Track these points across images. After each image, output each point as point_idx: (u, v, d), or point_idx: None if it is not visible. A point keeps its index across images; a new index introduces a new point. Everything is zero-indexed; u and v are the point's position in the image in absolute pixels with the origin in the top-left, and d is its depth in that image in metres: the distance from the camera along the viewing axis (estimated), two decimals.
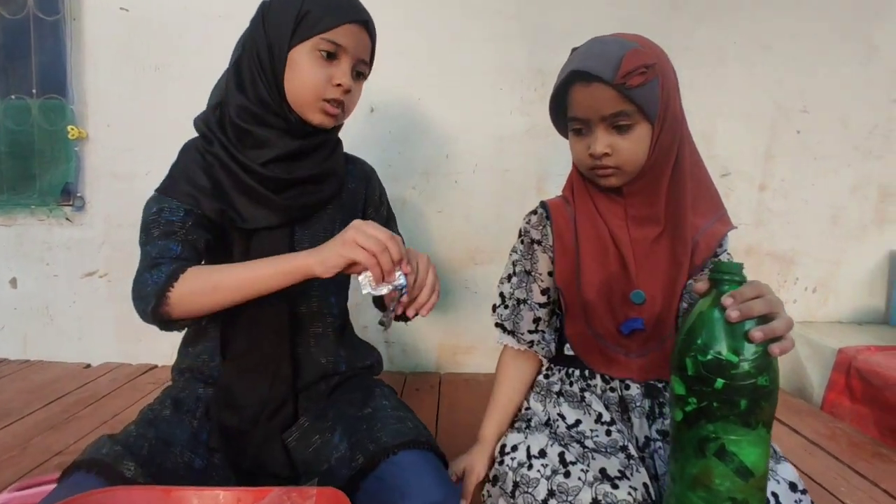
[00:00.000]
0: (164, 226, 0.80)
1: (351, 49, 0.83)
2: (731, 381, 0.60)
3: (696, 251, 0.93)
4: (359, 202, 0.99)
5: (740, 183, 1.58)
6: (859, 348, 1.33)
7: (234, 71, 0.85)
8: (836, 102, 1.56)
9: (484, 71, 1.52)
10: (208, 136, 0.84)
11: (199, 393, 0.85)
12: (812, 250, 1.61)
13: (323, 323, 0.92)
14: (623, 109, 0.79)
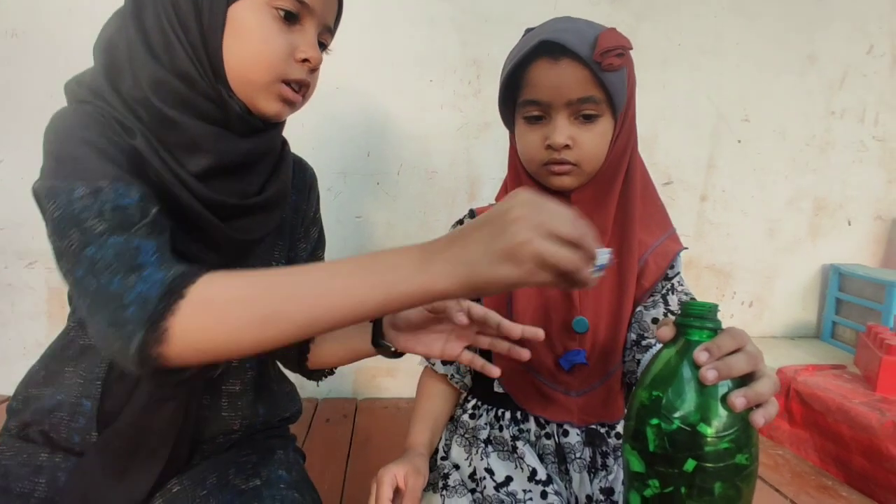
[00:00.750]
0: (112, 214, 0.49)
1: (318, 10, 0.59)
2: (705, 462, 0.46)
3: (645, 272, 0.81)
4: (298, 220, 0.76)
5: (682, 192, 1.50)
6: (798, 369, 1.28)
7: (134, 20, 0.56)
8: (775, 113, 1.51)
9: (411, 59, 1.35)
10: (99, 119, 0.54)
11: (40, 461, 0.61)
12: (749, 264, 1.56)
13: (241, 379, 0.70)
14: (593, 95, 0.68)
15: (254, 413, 0.72)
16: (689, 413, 0.47)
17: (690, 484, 0.47)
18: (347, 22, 1.26)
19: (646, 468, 0.50)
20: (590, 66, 0.67)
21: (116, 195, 0.50)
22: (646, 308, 0.82)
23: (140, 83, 0.55)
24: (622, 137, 0.76)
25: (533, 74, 0.70)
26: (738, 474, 0.47)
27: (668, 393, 0.49)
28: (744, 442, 0.47)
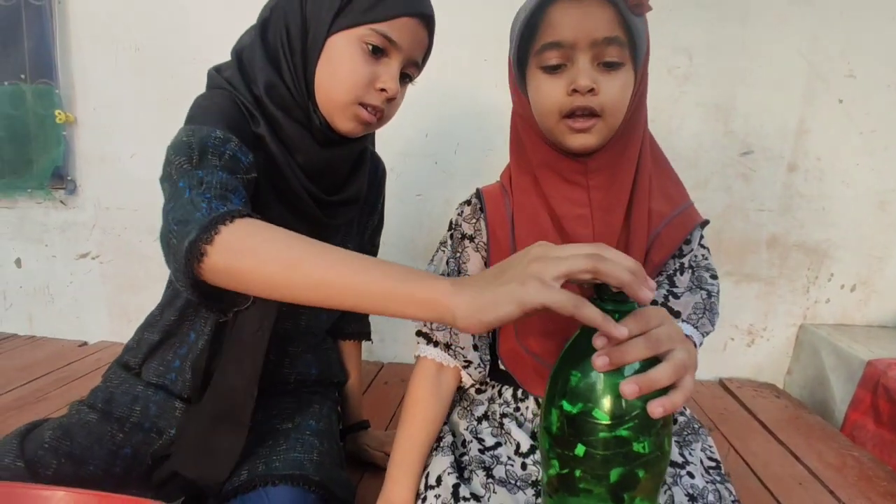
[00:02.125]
0: (230, 161, 0.60)
1: (405, 47, 0.68)
2: (597, 449, 0.45)
3: (656, 245, 0.78)
4: (367, 209, 0.90)
5: (764, 162, 1.36)
6: (893, 362, 1.12)
7: (261, 36, 0.70)
8: (889, 65, 1.29)
9: (465, 39, 1.38)
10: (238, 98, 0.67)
11: (137, 392, 0.78)
12: (851, 242, 1.36)
13: (303, 342, 0.85)
14: (618, 36, 0.65)
15: (307, 373, 0.86)
16: (585, 397, 0.46)
17: (585, 469, 0.47)
18: None
19: (549, 448, 0.49)
20: (617, 3, 0.64)
21: (238, 150, 0.62)
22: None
23: (258, 84, 0.68)
24: (641, 92, 0.73)
25: (554, 14, 0.66)
26: (636, 462, 0.46)
27: (572, 376, 0.48)
28: (644, 429, 0.45)
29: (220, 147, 0.61)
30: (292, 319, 0.81)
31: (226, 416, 0.72)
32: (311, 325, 0.84)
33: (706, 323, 0.77)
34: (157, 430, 0.76)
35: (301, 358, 0.85)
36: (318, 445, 0.76)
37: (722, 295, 1.40)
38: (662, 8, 1.31)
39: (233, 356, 0.72)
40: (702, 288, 0.79)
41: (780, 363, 1.44)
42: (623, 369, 0.46)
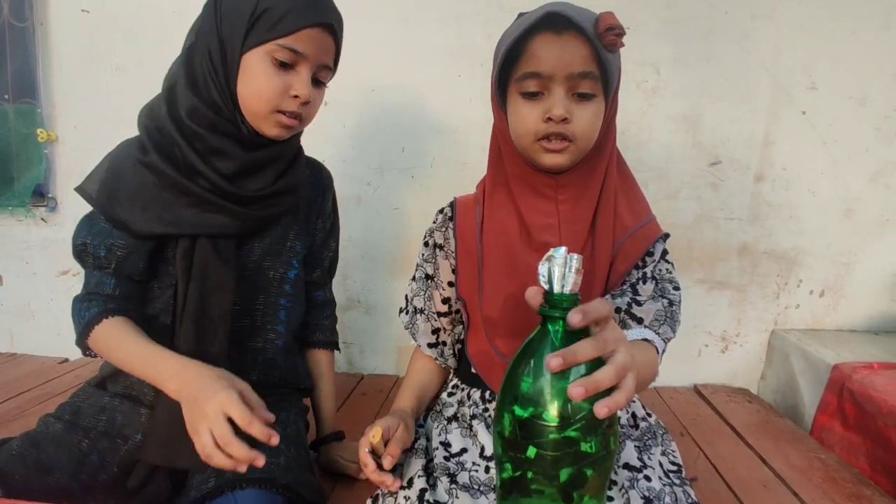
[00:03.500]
0: (94, 259, 0.77)
1: (312, 56, 0.75)
2: (547, 450, 0.47)
3: (620, 256, 0.82)
4: (313, 211, 0.94)
5: (733, 173, 1.39)
6: (857, 366, 1.14)
7: (186, 63, 0.77)
8: (851, 77, 1.33)
9: (440, 56, 1.41)
10: (153, 135, 0.77)
11: (104, 403, 0.81)
12: (819, 249, 1.40)
13: (263, 339, 0.87)
14: (592, 71, 0.71)
15: (271, 372, 0.88)
16: (535, 401, 0.48)
17: (536, 470, 0.48)
18: (378, 23, 1.37)
19: (502, 452, 0.51)
20: (593, 42, 0.70)
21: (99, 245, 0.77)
22: (612, 296, 0.82)
23: (180, 108, 0.75)
24: (608, 122, 0.79)
25: (536, 46, 0.72)
26: (584, 461, 0.48)
27: (523, 380, 0.50)
28: (591, 429, 0.47)
29: (85, 248, 0.77)
30: (249, 316, 0.85)
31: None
32: (268, 321, 0.87)
33: (667, 330, 0.80)
34: (122, 437, 0.78)
35: (265, 357, 0.87)
36: (285, 450, 0.77)
37: (695, 302, 1.44)
38: (630, 23, 1.35)
39: (194, 334, 0.77)
40: (664, 297, 0.82)
41: (753, 368, 1.46)
42: (569, 374, 0.48)
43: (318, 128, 1.44)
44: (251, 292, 0.85)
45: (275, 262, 0.86)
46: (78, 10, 1.52)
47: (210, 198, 0.76)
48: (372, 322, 1.53)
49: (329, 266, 0.99)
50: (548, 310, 0.52)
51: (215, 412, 0.64)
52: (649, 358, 0.76)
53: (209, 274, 0.77)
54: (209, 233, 0.77)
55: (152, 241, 0.77)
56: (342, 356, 1.55)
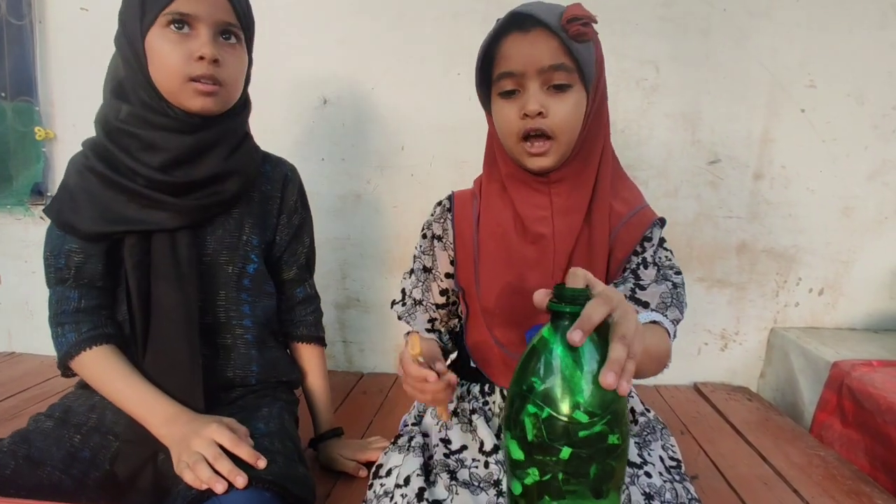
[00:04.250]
0: (55, 271, 0.80)
1: (204, 14, 0.75)
2: (581, 448, 0.46)
3: (618, 244, 0.82)
4: (273, 207, 0.93)
5: (732, 171, 1.39)
6: (856, 363, 1.14)
7: (110, 72, 0.81)
8: (849, 75, 1.34)
9: (438, 54, 1.41)
10: (94, 141, 0.81)
11: (94, 402, 0.82)
12: (818, 247, 1.40)
13: (232, 334, 0.87)
14: (563, 62, 0.71)
15: (248, 370, 0.88)
16: (562, 400, 0.46)
17: (568, 471, 0.47)
18: (377, 22, 1.37)
19: (525, 457, 0.49)
20: (559, 34, 0.70)
21: (58, 254, 0.80)
22: (615, 285, 0.82)
23: (110, 115, 0.78)
24: (595, 115, 0.78)
25: (505, 47, 0.74)
26: (611, 454, 0.47)
27: (542, 380, 0.48)
28: (616, 420, 0.46)
29: (48, 260, 0.81)
30: (211, 313, 0.85)
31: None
32: (232, 316, 0.87)
33: (675, 311, 0.79)
34: (113, 434, 0.79)
35: (238, 352, 0.88)
36: (268, 446, 0.77)
37: (694, 300, 1.44)
38: (629, 22, 1.36)
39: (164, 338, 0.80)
40: (667, 279, 0.81)
41: (753, 367, 1.46)
42: (583, 368, 0.46)
43: (317, 126, 1.46)
44: (210, 288, 0.85)
45: (232, 257, 0.86)
46: (76, 7, 1.51)
47: (147, 193, 0.77)
48: (371, 320, 1.53)
49: (306, 262, 0.99)
50: (557, 304, 0.50)
51: (206, 440, 0.70)
52: (660, 340, 0.73)
53: (161, 268, 0.79)
54: (151, 228, 0.78)
55: (101, 241, 0.79)
56: (342, 354, 1.55)
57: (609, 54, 1.34)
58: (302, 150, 1.47)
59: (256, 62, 0.95)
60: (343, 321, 1.53)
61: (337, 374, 1.50)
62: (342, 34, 1.42)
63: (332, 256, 1.50)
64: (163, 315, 0.79)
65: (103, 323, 0.81)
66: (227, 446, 0.70)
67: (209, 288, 0.85)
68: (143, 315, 0.80)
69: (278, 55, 1.41)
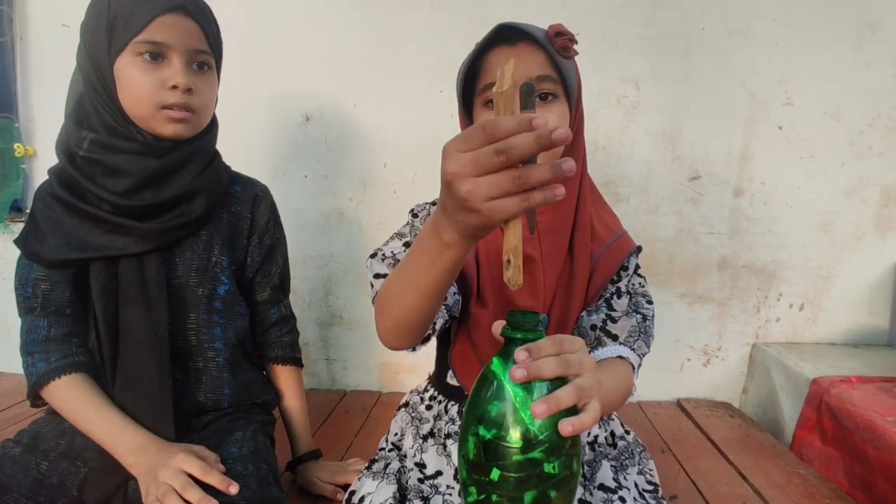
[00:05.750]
0: (24, 301, 0.80)
1: (176, 43, 0.75)
2: (510, 472, 0.48)
3: (598, 269, 0.83)
4: (243, 227, 0.92)
5: (712, 188, 1.40)
6: (835, 380, 1.15)
7: (71, 98, 0.80)
8: (826, 92, 1.36)
9: (420, 71, 1.41)
10: (58, 169, 0.80)
11: (64, 427, 0.81)
12: (798, 263, 1.41)
13: (203, 357, 0.87)
14: (550, 74, 0.73)
15: (220, 393, 0.87)
16: (499, 423, 0.48)
17: (501, 493, 0.48)
18: (360, 40, 1.37)
19: (467, 475, 0.51)
20: (545, 47, 0.72)
21: (26, 284, 0.79)
22: (588, 313, 0.83)
23: (71, 142, 0.78)
24: (576, 130, 0.80)
25: (492, 60, 0.75)
26: (548, 483, 0.48)
27: (487, 402, 0.50)
28: (555, 450, 0.48)
29: (17, 289, 0.80)
30: (182, 336, 0.85)
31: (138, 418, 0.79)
32: (203, 339, 0.86)
33: (642, 345, 0.81)
34: (82, 460, 0.78)
35: (209, 376, 0.87)
36: (241, 470, 0.77)
37: (676, 316, 1.45)
38: (610, 41, 1.37)
39: (133, 363, 0.79)
40: (638, 312, 0.83)
41: (735, 382, 1.47)
42: (533, 396, 0.48)
43: (299, 142, 1.46)
44: (180, 311, 0.84)
45: (201, 279, 0.86)
46: (59, 25, 1.51)
47: (111, 218, 0.77)
48: (355, 338, 1.52)
49: (280, 282, 0.98)
50: (510, 332, 0.53)
51: (174, 470, 0.69)
52: (623, 376, 0.77)
53: (128, 293, 0.79)
54: (115, 254, 0.78)
55: (66, 268, 0.79)
56: (325, 372, 1.54)
57: (591, 72, 1.37)
58: (285, 166, 1.46)
59: (240, 78, 0.95)
60: (326, 339, 1.52)
61: (320, 393, 1.49)
62: (325, 51, 1.42)
63: (315, 274, 1.49)
64: (131, 340, 0.79)
65: (73, 351, 0.80)
66: (196, 475, 0.70)
67: (179, 311, 0.84)
68: (110, 341, 0.79)
69: (262, 71, 1.41)
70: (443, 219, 0.49)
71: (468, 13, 1.38)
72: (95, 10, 0.76)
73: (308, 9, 1.40)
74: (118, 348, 0.79)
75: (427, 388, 0.98)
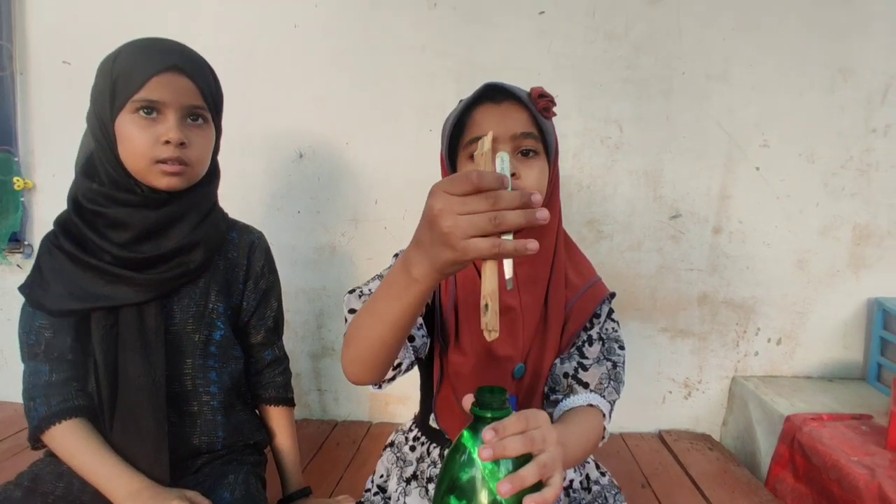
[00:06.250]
0: (27, 347, 0.84)
1: (170, 100, 0.79)
2: None
3: (572, 317, 0.86)
4: (239, 273, 0.96)
5: (692, 226, 1.45)
6: (807, 418, 1.19)
7: (81, 152, 0.84)
8: (800, 135, 1.41)
9: (411, 111, 1.46)
10: (64, 219, 0.84)
11: (62, 470, 0.84)
12: (775, 299, 1.46)
13: (198, 401, 0.90)
14: (532, 132, 0.77)
15: (214, 436, 0.91)
16: (469, 493, 0.52)
17: None
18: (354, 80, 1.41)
19: None
20: (528, 107, 0.77)
21: (29, 331, 0.83)
22: (561, 361, 0.86)
23: (79, 193, 0.83)
24: (553, 185, 0.84)
25: (478, 116, 0.79)
26: None
27: (459, 470, 0.53)
28: None
29: (21, 336, 0.84)
30: (178, 381, 0.88)
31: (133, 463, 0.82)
32: (199, 384, 0.90)
33: (612, 391, 0.84)
34: (80, 503, 0.81)
35: (204, 419, 0.90)
36: None
37: (658, 350, 1.49)
38: (595, 84, 1.42)
39: (131, 408, 0.83)
40: (608, 359, 0.86)
41: (716, 414, 1.51)
42: (500, 470, 0.52)
43: (293, 179, 1.50)
44: (177, 357, 0.88)
45: (198, 325, 0.89)
46: (59, 61, 1.55)
47: (112, 270, 0.81)
48: None
49: (274, 325, 1.01)
50: (478, 410, 0.56)
51: None
52: (591, 426, 0.79)
53: (128, 340, 0.82)
54: (117, 304, 0.82)
55: (69, 317, 0.82)
56: (317, 403, 1.58)
57: (576, 113, 1.42)
58: (279, 202, 1.50)
59: (236, 116, 0.99)
60: (318, 370, 1.56)
61: (311, 423, 1.52)
62: (319, 91, 1.46)
63: (308, 307, 1.53)
64: (130, 386, 0.82)
65: (73, 395, 0.83)
66: None
67: (176, 356, 0.87)
68: (110, 386, 0.82)
69: (257, 110, 1.45)
70: (416, 254, 0.54)
71: (457, 56, 1.43)
72: (101, 73, 0.81)
73: (302, 51, 1.45)
74: (117, 393, 0.83)
75: (412, 427, 1.01)
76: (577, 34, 1.40)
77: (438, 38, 1.42)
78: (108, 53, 0.83)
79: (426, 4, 1.42)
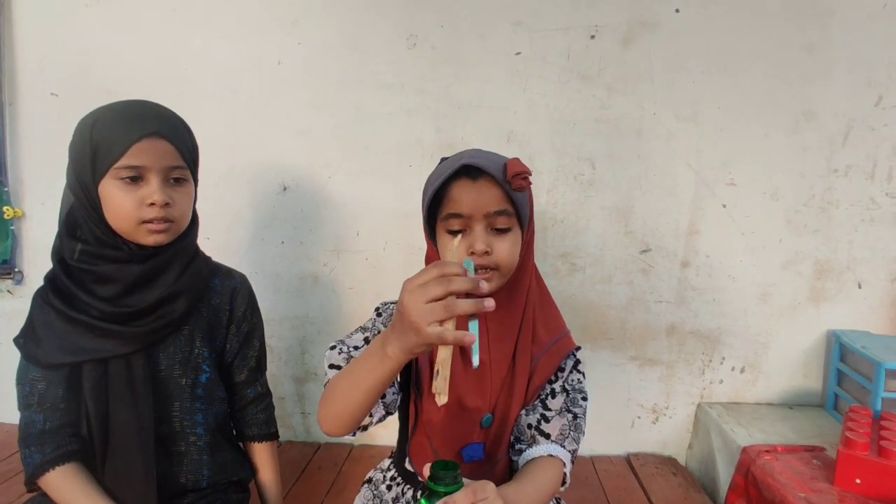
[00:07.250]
0: (23, 398, 0.89)
1: (152, 164, 0.84)
2: None
3: (537, 371, 0.91)
4: (222, 318, 1.00)
5: (661, 259, 1.51)
6: (762, 450, 1.26)
7: (64, 213, 0.89)
8: (765, 175, 1.47)
9: (391, 147, 1.51)
10: (51, 276, 0.88)
11: None
12: (739, 329, 1.52)
13: (185, 442, 0.95)
14: (506, 209, 0.82)
15: (199, 474, 0.96)
16: None
17: None
18: (335, 116, 1.45)
19: None
20: (502, 185, 0.81)
21: (25, 382, 0.88)
22: (526, 412, 0.92)
23: (64, 252, 0.87)
24: (527, 248, 0.89)
25: (455, 192, 0.83)
26: None
27: None
28: None
29: (17, 386, 0.89)
30: (166, 423, 0.93)
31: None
32: (186, 425, 0.95)
33: (572, 442, 0.89)
34: None
35: (190, 458, 0.95)
36: None
37: (628, 378, 1.56)
38: (569, 123, 1.47)
39: (121, 453, 0.88)
40: (570, 411, 0.91)
41: (682, 438, 1.58)
42: None
43: (276, 211, 1.54)
44: (165, 401, 0.93)
45: (185, 370, 0.94)
46: (47, 93, 1.58)
47: (99, 325, 0.86)
48: None
49: (257, 364, 1.06)
50: (433, 483, 0.62)
51: None
52: (550, 476, 0.84)
53: (117, 390, 0.88)
54: (106, 356, 0.87)
55: (60, 370, 0.87)
56: (301, 425, 1.63)
57: (550, 151, 1.48)
58: (263, 233, 1.55)
59: (222, 150, 1.02)
60: (302, 394, 1.61)
61: (295, 446, 1.58)
62: (302, 126, 1.51)
63: (291, 334, 1.59)
64: (120, 432, 0.88)
65: (66, 441, 0.89)
66: None
67: (164, 401, 0.93)
68: (101, 433, 0.88)
69: (242, 144, 1.50)
70: (391, 336, 0.64)
71: (435, 94, 1.47)
72: (79, 137, 0.84)
73: (286, 88, 1.49)
74: (108, 439, 0.88)
75: (389, 467, 1.07)
76: (552, 75, 1.45)
77: (417, 76, 1.47)
78: (85, 116, 0.86)
79: (406, 44, 1.46)
